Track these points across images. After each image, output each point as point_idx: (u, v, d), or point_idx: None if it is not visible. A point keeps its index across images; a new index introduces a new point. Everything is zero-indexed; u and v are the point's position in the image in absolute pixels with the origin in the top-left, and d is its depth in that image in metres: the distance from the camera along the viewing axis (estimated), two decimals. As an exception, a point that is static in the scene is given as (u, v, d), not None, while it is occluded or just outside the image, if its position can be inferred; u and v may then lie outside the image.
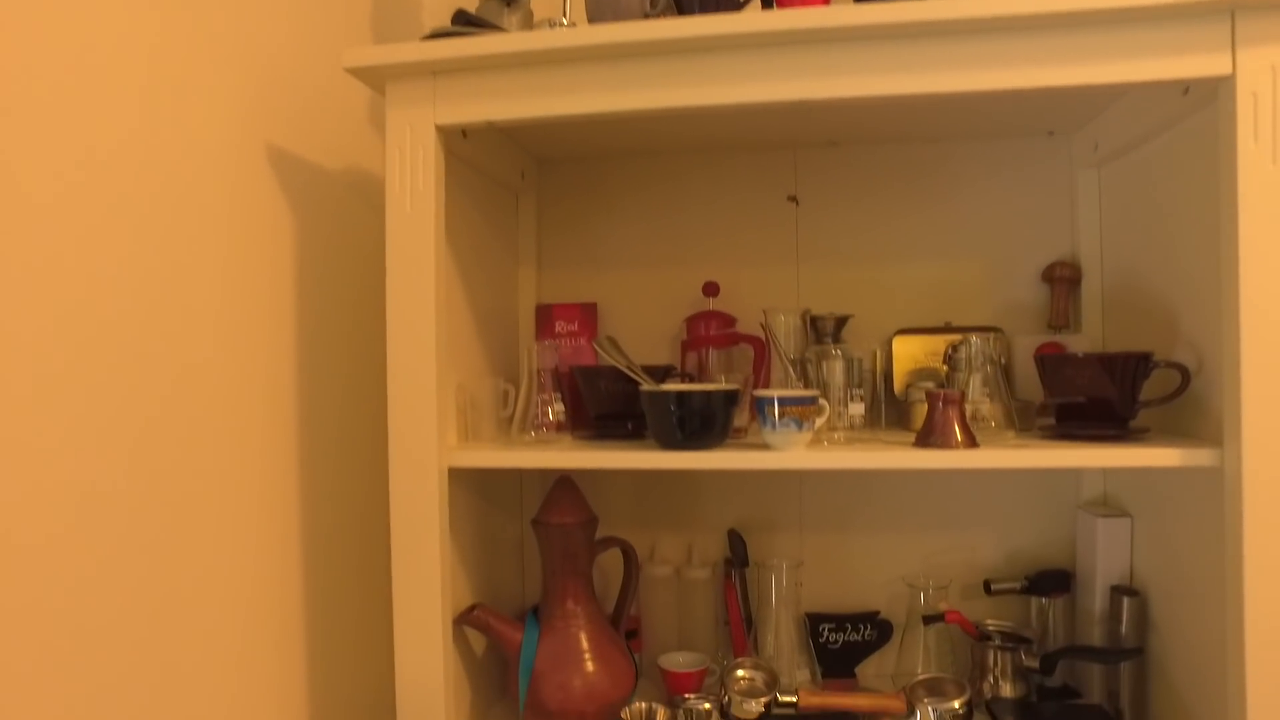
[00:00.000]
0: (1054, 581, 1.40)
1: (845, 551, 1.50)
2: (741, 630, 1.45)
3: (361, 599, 1.38)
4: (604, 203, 1.56)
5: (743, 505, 1.53)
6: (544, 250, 1.57)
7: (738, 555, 1.46)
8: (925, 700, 1.19)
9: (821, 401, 1.15)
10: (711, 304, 1.44)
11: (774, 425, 1.10)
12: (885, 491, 1.49)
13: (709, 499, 1.54)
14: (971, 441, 1.11)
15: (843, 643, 1.46)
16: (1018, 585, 1.41)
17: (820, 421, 1.14)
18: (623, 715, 1.19)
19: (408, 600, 1.16)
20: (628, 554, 1.35)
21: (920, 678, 1.24)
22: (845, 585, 1.51)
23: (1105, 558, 1.33)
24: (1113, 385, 1.12)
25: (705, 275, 1.50)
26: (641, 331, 1.52)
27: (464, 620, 1.24)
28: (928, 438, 1.11)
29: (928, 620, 1.38)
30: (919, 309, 1.47)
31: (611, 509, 1.57)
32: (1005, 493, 1.46)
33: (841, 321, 1.38)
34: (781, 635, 1.42)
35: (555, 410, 1.22)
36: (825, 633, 1.46)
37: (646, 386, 1.15)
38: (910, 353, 1.43)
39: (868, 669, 1.48)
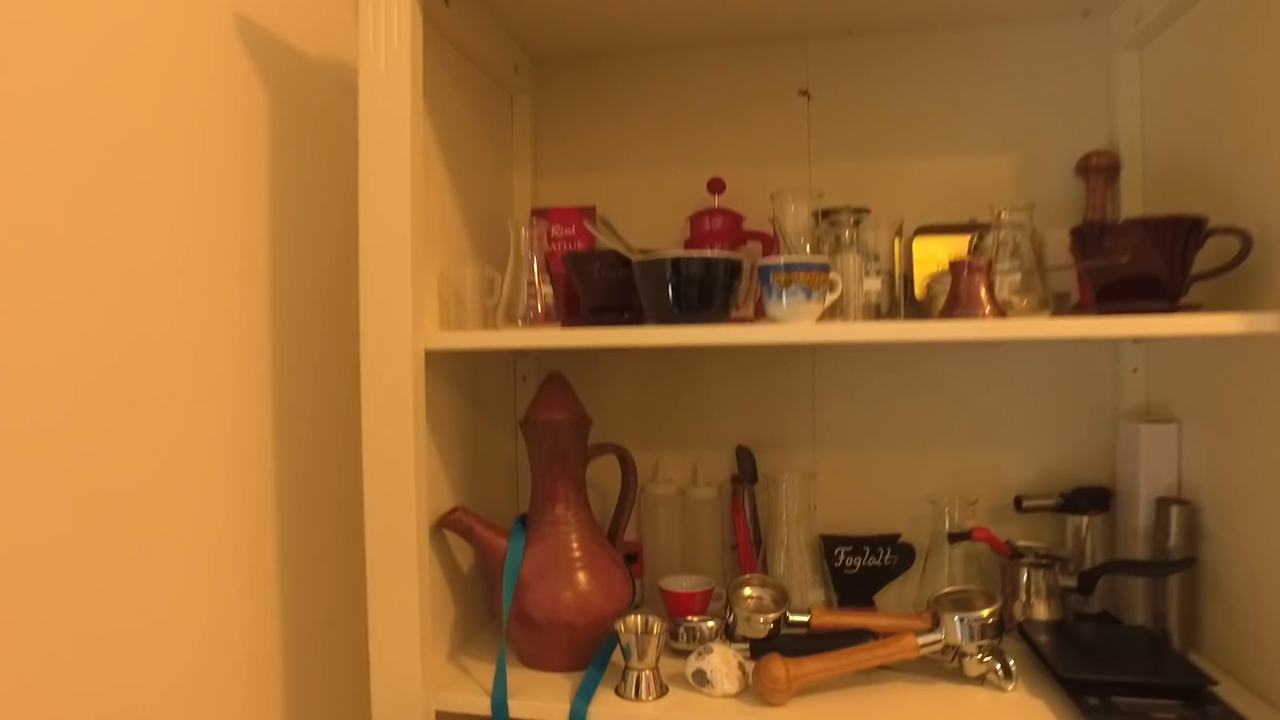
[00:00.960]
0: (1092, 498, 1.25)
1: (863, 471, 1.37)
2: (750, 554, 1.32)
3: (339, 556, 1.27)
4: (604, 103, 1.44)
5: (752, 421, 1.40)
6: (540, 154, 1.45)
7: (746, 472, 1.33)
8: (951, 611, 1.05)
9: (834, 276, 1.02)
10: (717, 202, 1.31)
11: (781, 295, 0.98)
12: (906, 405, 1.35)
13: (716, 414, 1.41)
14: (999, 312, 0.98)
15: (860, 568, 1.32)
16: (1052, 502, 1.26)
17: (832, 298, 1.01)
18: (616, 627, 1.06)
19: (380, 498, 1.04)
20: (625, 461, 1.22)
21: (945, 591, 1.10)
22: (863, 507, 1.37)
23: (1150, 468, 1.19)
24: (1159, 255, 0.98)
25: (711, 175, 1.38)
26: (643, 235, 1.38)
27: (444, 523, 1.12)
28: (952, 309, 0.98)
29: (953, 538, 1.24)
30: (941, 207, 1.33)
31: (611, 426, 1.45)
32: (1037, 404, 1.32)
33: (858, 216, 1.25)
34: (793, 559, 1.29)
35: (544, 294, 1.10)
36: (841, 557, 1.32)
37: (639, 256, 1.02)
38: (932, 253, 1.29)
39: (887, 597, 1.34)
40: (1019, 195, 1.31)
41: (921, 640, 1.04)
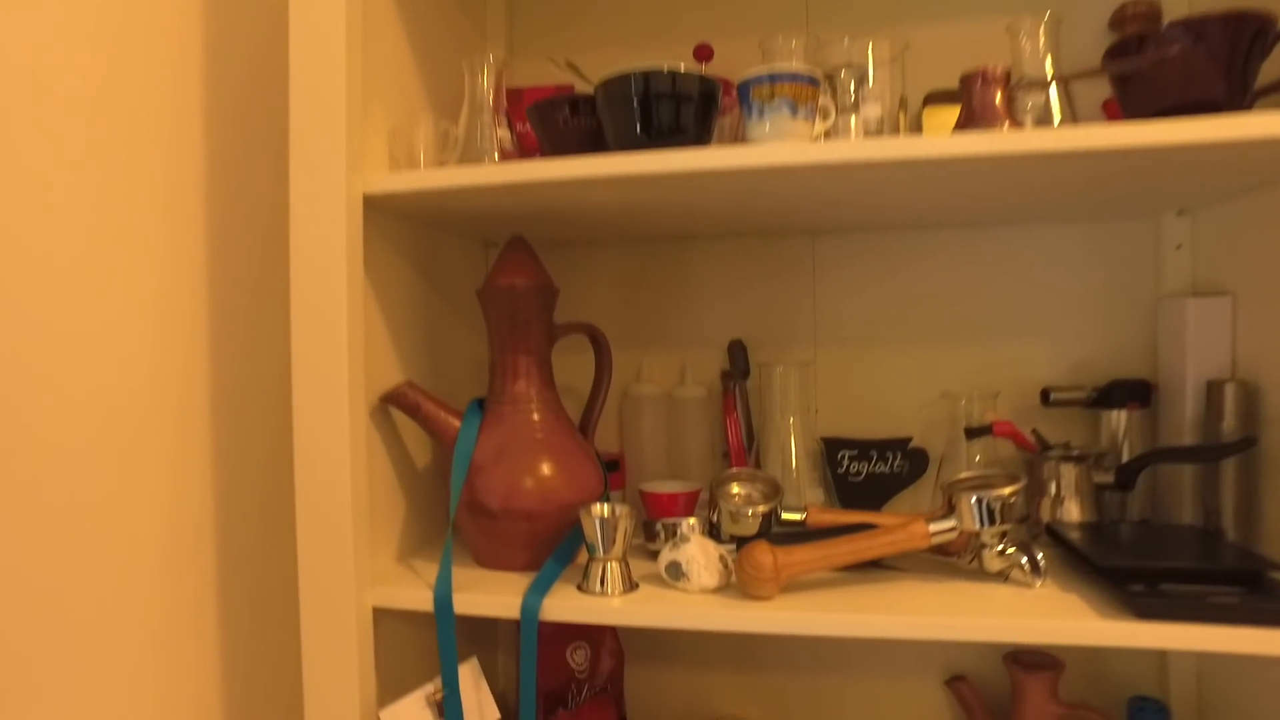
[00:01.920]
0: (1130, 391, 1.07)
1: (869, 369, 1.20)
2: (742, 459, 1.16)
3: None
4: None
5: (746, 316, 1.24)
6: (515, 29, 1.31)
7: (738, 366, 1.16)
8: (965, 493, 0.88)
9: (826, 100, 0.86)
10: (704, 69, 1.16)
11: (763, 113, 0.82)
12: (918, 294, 1.18)
13: (705, 309, 1.25)
14: (1019, 125, 0.81)
15: (866, 475, 1.15)
16: (1084, 395, 1.08)
17: (823, 125, 0.85)
18: (579, 513, 0.90)
19: (308, 363, 0.90)
20: (597, 342, 1.06)
21: (962, 477, 0.93)
22: (870, 409, 1.20)
23: (1199, 348, 1.01)
24: (1215, 66, 0.81)
25: (697, 41, 1.23)
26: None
27: (388, 398, 0.97)
28: (965, 124, 0.82)
29: (971, 434, 1.06)
30: (951, 73, 1.17)
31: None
32: (1066, 291, 1.14)
33: (859, 75, 1.08)
34: (791, 464, 1.12)
35: (501, 138, 0.95)
36: (845, 462, 1.15)
37: (608, 74, 0.87)
38: (944, 124, 1.13)
39: (898, 507, 1.17)
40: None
41: (933, 526, 0.87)
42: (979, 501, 0.86)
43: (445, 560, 0.92)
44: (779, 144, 0.80)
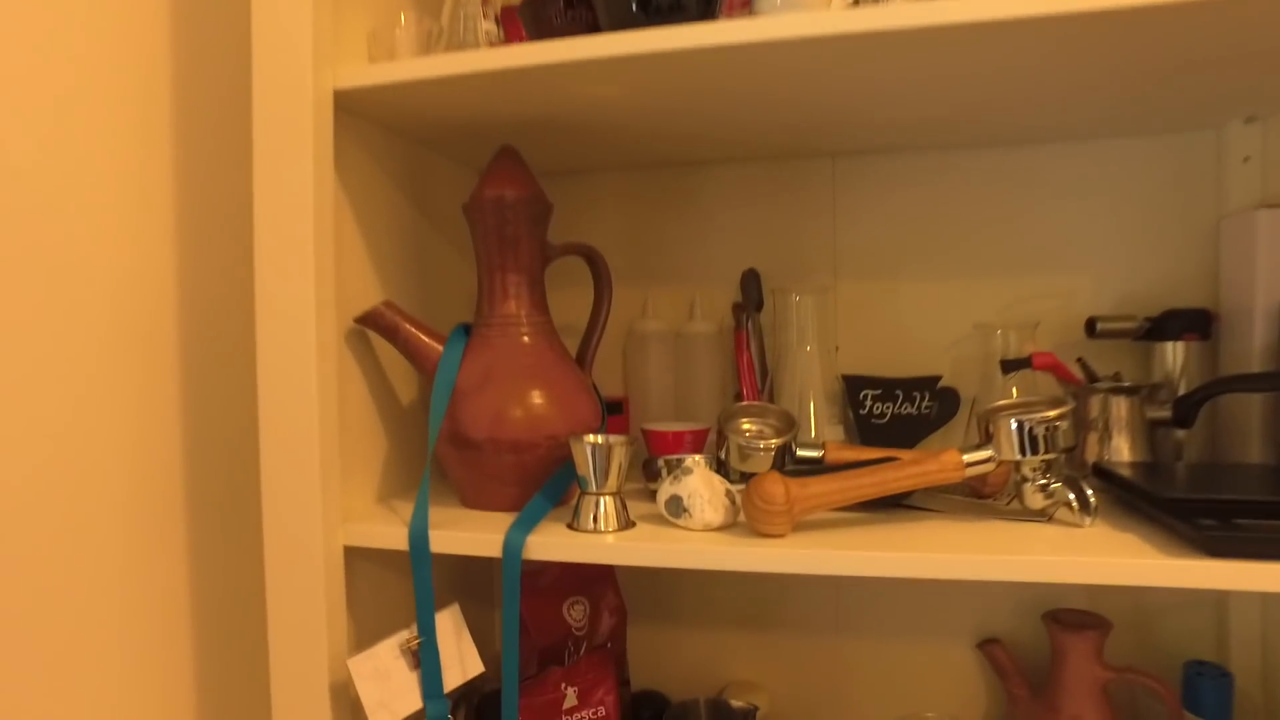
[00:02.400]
0: (1188, 321, 0.95)
1: (895, 303, 1.08)
2: (756, 398, 1.05)
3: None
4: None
5: (759, 246, 1.12)
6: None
7: (750, 297, 1.06)
8: (1004, 415, 0.76)
9: (850, -34, 0.75)
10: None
11: (775, -24, 0.71)
12: (948, 220, 1.06)
13: (715, 240, 1.14)
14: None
15: (892, 416, 1.04)
16: (1134, 325, 0.96)
17: (850, -6, 0.74)
18: (571, 440, 0.80)
19: (271, 275, 0.80)
20: (594, 263, 0.96)
21: (1000, 403, 0.82)
22: (896, 346, 1.08)
23: (1271, 268, 0.89)
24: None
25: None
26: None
27: (364, 320, 0.87)
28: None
29: (1008, 367, 0.95)
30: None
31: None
32: (1115, 214, 1.02)
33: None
34: (809, 402, 1.01)
35: (487, 30, 0.85)
36: (868, 403, 1.04)
37: (595, -52, 0.77)
38: None
39: (925, 455, 1.06)
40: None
41: (968, 456, 0.76)
42: (1020, 426, 0.75)
43: (422, 495, 0.83)
44: (794, 15, 0.69)
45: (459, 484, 0.90)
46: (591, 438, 0.81)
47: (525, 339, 0.88)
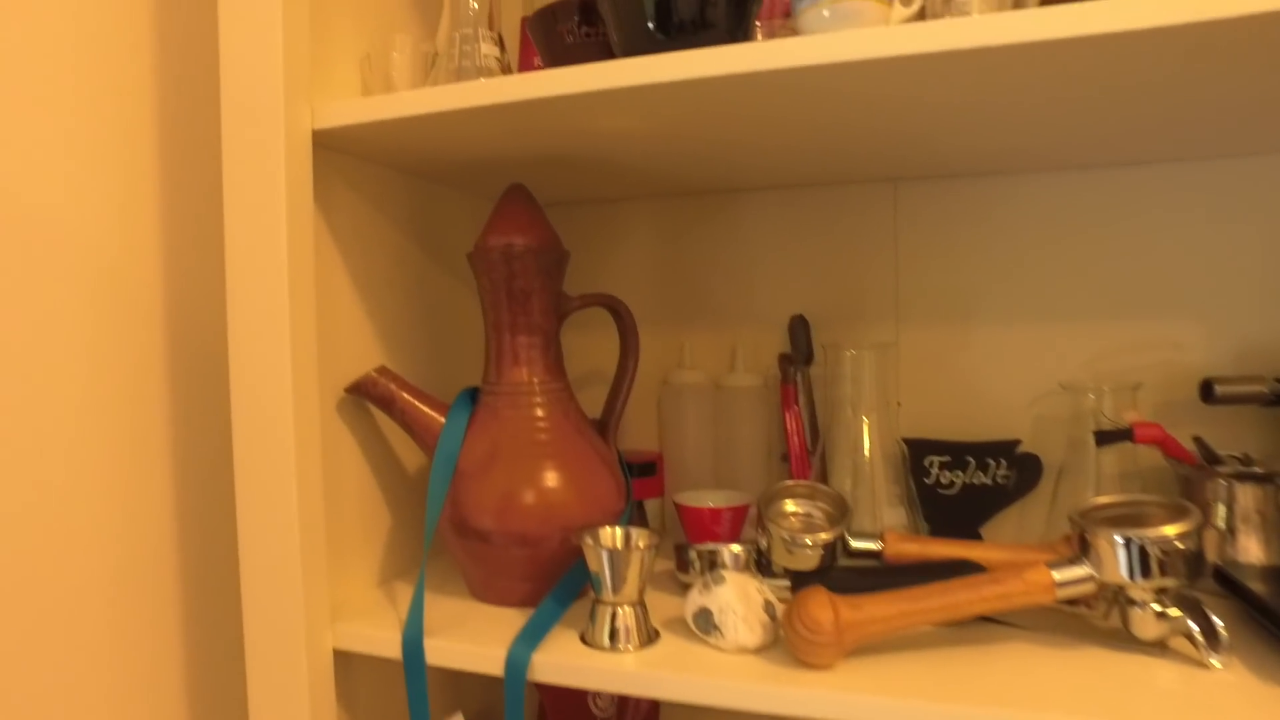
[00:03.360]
0: (1329, 385, 0.78)
1: (965, 353, 0.92)
2: (805, 463, 0.91)
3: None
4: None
5: (810, 287, 0.97)
6: (538, -55, 1.07)
7: (799, 348, 0.91)
8: (1108, 530, 0.61)
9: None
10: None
11: (822, -8, 0.56)
12: (1030, 256, 0.90)
13: (761, 279, 0.99)
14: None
15: (962, 486, 0.88)
16: (1264, 390, 0.79)
17: (907, 11, 0.59)
18: (580, 538, 0.68)
19: (244, 350, 0.69)
20: (620, 317, 0.83)
21: (1100, 502, 0.66)
22: (966, 403, 0.92)
23: None
24: None
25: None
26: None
27: (356, 389, 0.76)
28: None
29: (1103, 438, 0.79)
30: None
31: (626, 303, 1.06)
32: (1234, 245, 0.84)
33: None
34: (865, 470, 0.86)
35: (486, 54, 0.72)
36: (934, 470, 0.89)
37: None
38: None
39: (1002, 529, 0.90)
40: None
41: (1059, 574, 0.61)
42: (1128, 545, 0.59)
43: (417, 596, 0.71)
44: (840, 35, 0.54)
45: (465, 572, 0.78)
46: (609, 537, 0.69)
47: (538, 411, 0.76)
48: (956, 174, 0.92)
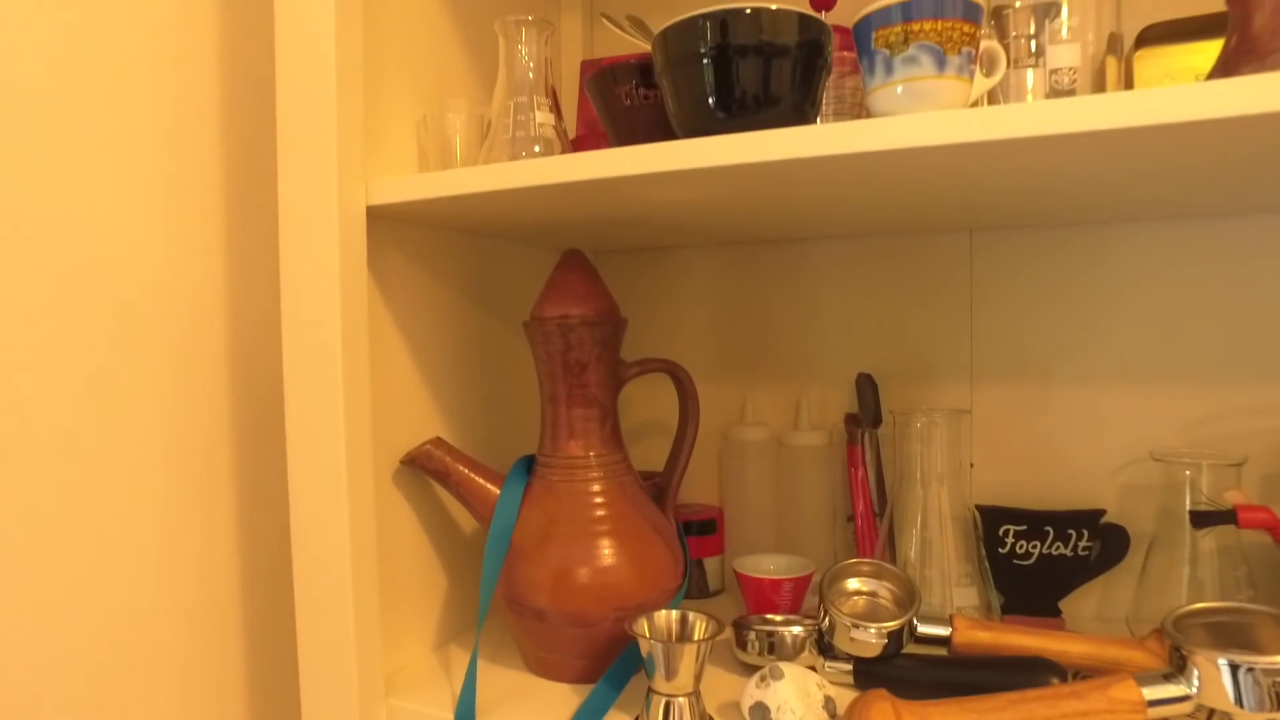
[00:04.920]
0: None
1: (1045, 414, 0.85)
2: (872, 527, 0.86)
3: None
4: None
5: (879, 340, 0.92)
6: (598, -9, 1.03)
7: (867, 409, 0.85)
8: (1213, 648, 0.54)
9: (991, 43, 0.54)
10: (825, 19, 0.84)
11: (890, 67, 0.51)
12: (1118, 310, 0.82)
13: (827, 331, 0.94)
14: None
15: (1039, 558, 0.81)
16: (1384, 468, 0.71)
17: (988, 82, 0.53)
18: (633, 626, 0.64)
19: (301, 423, 0.68)
20: (681, 384, 0.79)
21: (1196, 608, 0.59)
22: (1045, 468, 0.86)
23: None
24: None
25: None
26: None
27: (411, 461, 0.74)
28: (1241, 56, 0.48)
29: (1200, 520, 0.71)
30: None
31: (680, 348, 1.01)
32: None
33: (1047, 8, 0.73)
34: (935, 533, 0.80)
35: (540, 122, 0.69)
36: (1010, 540, 0.82)
37: (663, 26, 0.59)
38: (1168, 73, 0.76)
39: (1083, 605, 0.83)
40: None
41: (1151, 692, 0.55)
42: (1234, 670, 0.53)
43: (470, 675, 0.68)
44: (913, 119, 0.49)
45: (520, 645, 0.75)
46: (664, 623, 0.65)
47: (594, 486, 0.72)
48: (1036, 224, 0.85)
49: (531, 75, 0.69)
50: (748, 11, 0.53)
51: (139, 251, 0.73)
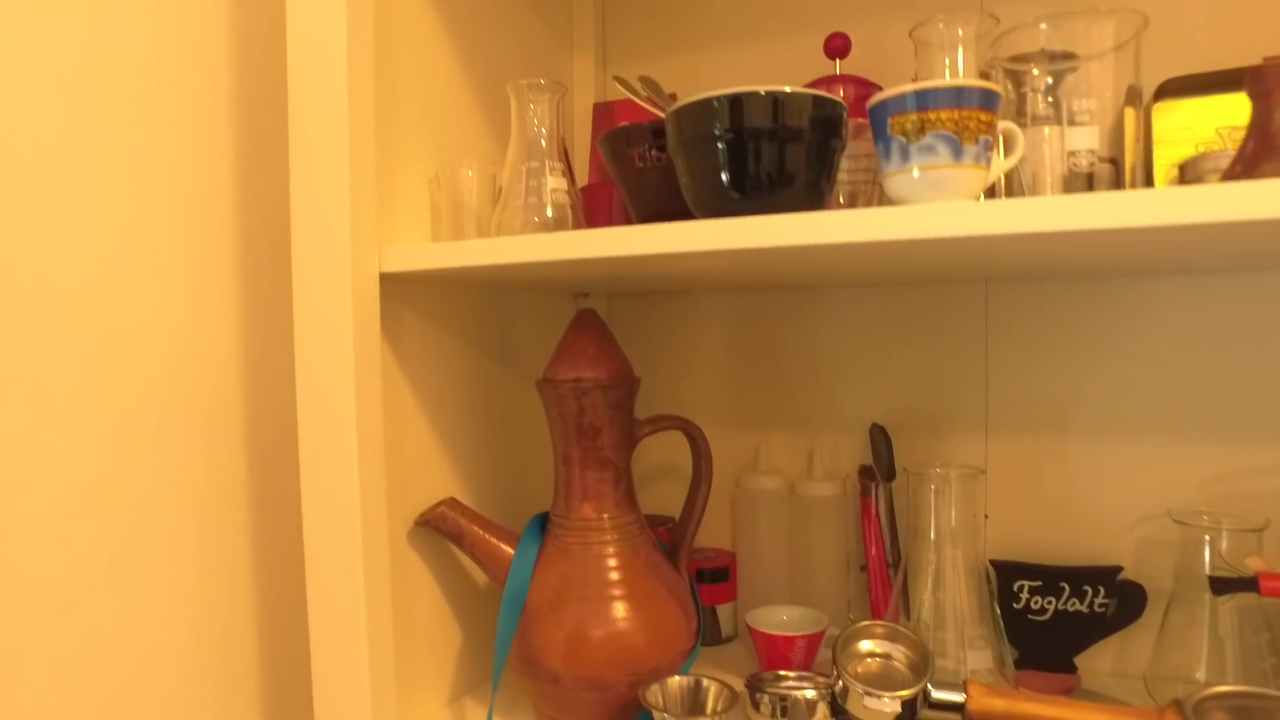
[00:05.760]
0: None
1: (1061, 467, 0.84)
2: (885, 580, 0.85)
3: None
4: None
5: (893, 389, 0.91)
6: (609, 35, 1.02)
7: (881, 463, 0.85)
8: (1231, 732, 0.53)
9: (1008, 125, 0.53)
10: (839, 68, 0.83)
11: (907, 156, 0.50)
12: (1136, 362, 0.81)
13: (840, 378, 0.93)
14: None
15: (1055, 613, 0.81)
16: None
17: (1006, 163, 0.52)
18: (647, 695, 0.64)
19: (317, 487, 0.68)
20: (695, 442, 0.78)
21: (1218, 691, 0.58)
22: (1061, 522, 0.84)
23: None
24: None
25: (829, 32, 0.90)
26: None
27: (426, 522, 0.73)
28: (1256, 160, 0.47)
29: (1221, 586, 0.70)
30: (1200, 52, 0.78)
31: (691, 394, 1.00)
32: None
33: (1061, 66, 0.72)
34: (949, 592, 0.80)
35: (554, 189, 0.68)
36: (1025, 595, 0.81)
37: (676, 104, 0.58)
38: (1185, 125, 0.75)
39: (1099, 661, 0.82)
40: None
41: (1172, 779, 0.54)
42: (1256, 758, 0.52)
43: (483, 740, 0.69)
44: (929, 209, 0.48)
45: (535, 706, 0.75)
46: (675, 693, 0.64)
47: (608, 549, 0.72)
48: (1053, 275, 0.84)
49: (544, 141, 0.69)
50: (762, 94, 0.53)
51: (154, 314, 0.73)
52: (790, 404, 0.95)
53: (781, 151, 0.54)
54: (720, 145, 0.55)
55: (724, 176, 0.56)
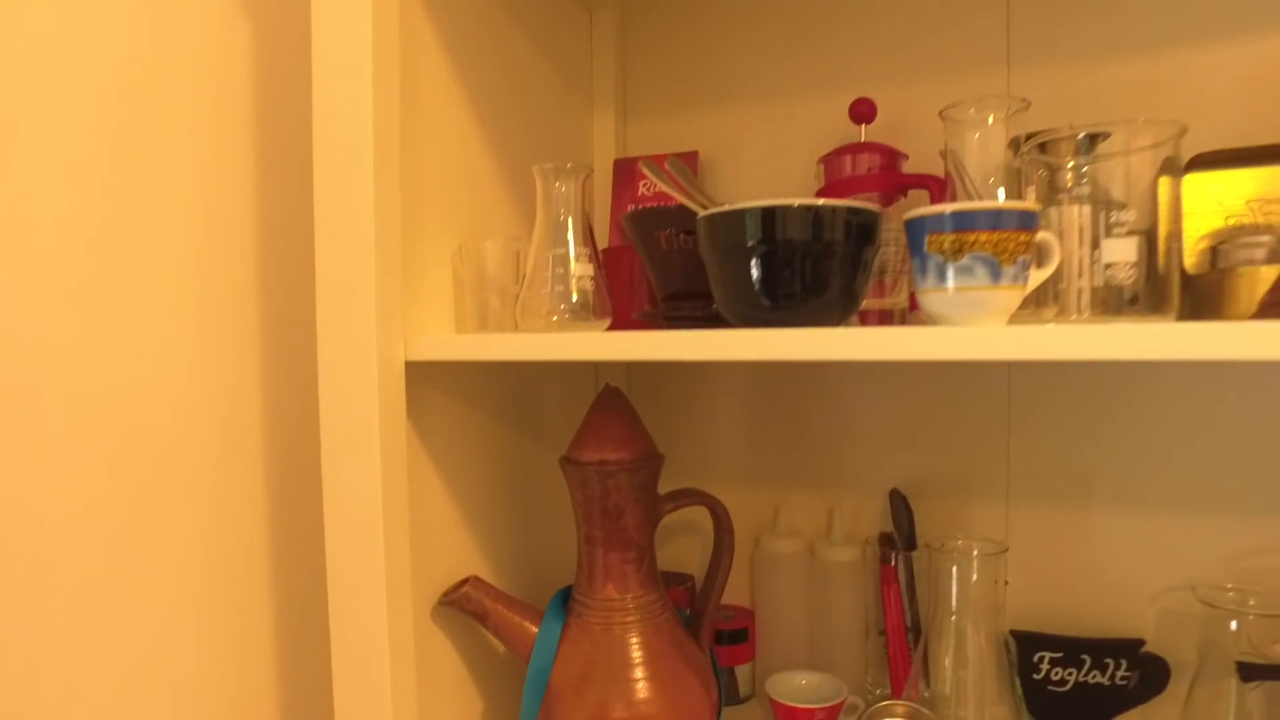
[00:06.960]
0: None
1: (1082, 538, 0.83)
2: (904, 648, 0.84)
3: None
4: (712, 12, 0.97)
5: (914, 454, 0.90)
6: (630, 87, 1.01)
7: (902, 529, 0.84)
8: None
9: (1046, 236, 0.52)
10: (864, 134, 0.82)
11: (944, 275, 0.49)
12: (1160, 436, 0.80)
13: (861, 442, 0.92)
14: None
15: (1075, 684, 0.80)
16: None
17: (1042, 274, 0.52)
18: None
19: (342, 569, 0.67)
20: (717, 517, 0.77)
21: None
22: (1082, 593, 0.84)
23: None
24: None
25: (853, 92, 0.89)
26: (762, 187, 0.93)
27: (449, 602, 0.73)
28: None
29: (1249, 673, 0.69)
30: (1231, 127, 0.77)
31: (712, 458, 0.99)
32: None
33: (1090, 139, 0.71)
34: (970, 664, 0.79)
35: (581, 276, 0.67)
36: (1045, 667, 0.81)
37: (708, 210, 0.57)
38: (1216, 199, 0.73)
39: (1122, 733, 0.82)
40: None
41: None
42: None
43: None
44: (968, 331, 0.48)
45: (556, 779, 0.75)
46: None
47: (631, 630, 0.71)
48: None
49: (571, 227, 0.68)
50: (795, 206, 0.52)
51: (175, 388, 0.72)
52: (810, 465, 0.94)
53: (816, 263, 0.53)
54: (753, 258, 0.54)
55: (756, 285, 0.55)
